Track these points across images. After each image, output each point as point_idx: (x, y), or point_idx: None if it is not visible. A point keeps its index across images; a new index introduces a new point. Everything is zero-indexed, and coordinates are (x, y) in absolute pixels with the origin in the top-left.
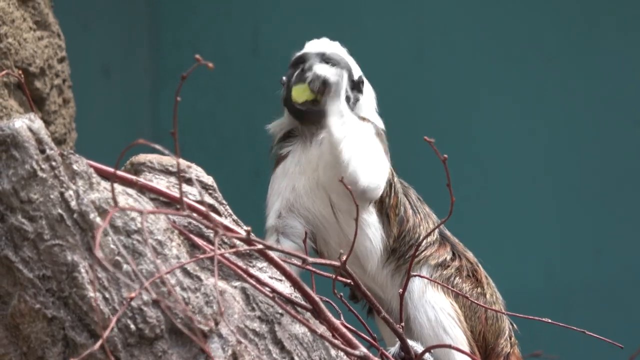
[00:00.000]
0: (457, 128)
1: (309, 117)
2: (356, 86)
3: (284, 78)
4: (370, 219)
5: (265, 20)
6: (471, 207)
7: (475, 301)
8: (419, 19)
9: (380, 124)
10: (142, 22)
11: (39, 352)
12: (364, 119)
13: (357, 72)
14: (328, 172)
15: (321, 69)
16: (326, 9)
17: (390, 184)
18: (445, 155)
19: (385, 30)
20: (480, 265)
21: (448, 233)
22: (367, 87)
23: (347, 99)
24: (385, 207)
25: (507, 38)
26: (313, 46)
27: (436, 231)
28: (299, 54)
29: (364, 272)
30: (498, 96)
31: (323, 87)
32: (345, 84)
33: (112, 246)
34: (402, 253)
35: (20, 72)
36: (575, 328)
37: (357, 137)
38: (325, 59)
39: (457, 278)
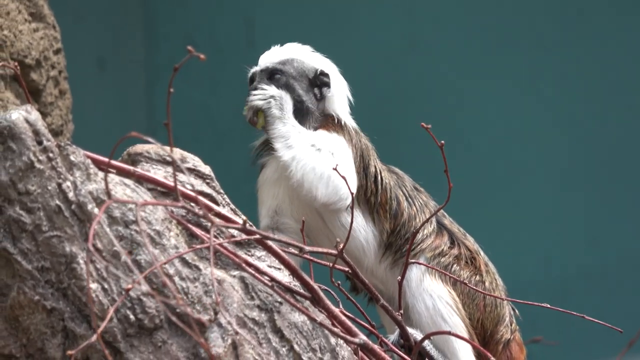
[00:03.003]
0: (451, 117)
1: None
2: (316, 82)
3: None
4: (356, 221)
5: (260, 11)
6: (467, 196)
7: (474, 287)
8: (411, 7)
9: (350, 120)
10: (136, 14)
11: (38, 343)
12: (330, 117)
13: (315, 67)
14: (293, 190)
15: (254, 98)
16: None
17: (375, 181)
18: (442, 142)
19: (377, 19)
20: (480, 253)
21: (447, 221)
22: (336, 79)
23: (303, 105)
24: (372, 206)
25: (501, 25)
26: (261, 61)
27: (433, 220)
28: (251, 71)
29: (361, 268)
30: (492, 85)
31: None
32: (285, 101)
33: (110, 237)
34: (398, 247)
35: (16, 64)
36: (574, 313)
37: (308, 154)
38: (269, 73)
39: (455, 266)
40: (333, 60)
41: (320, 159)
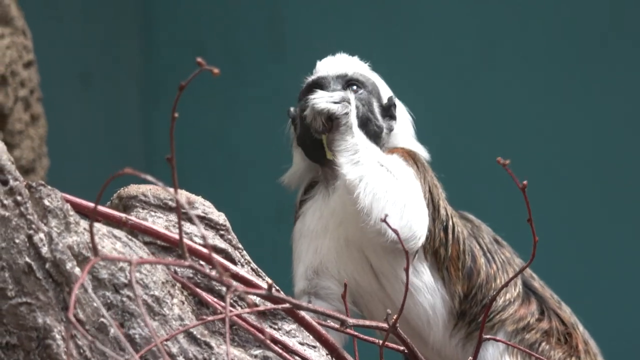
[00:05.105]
0: (536, 149)
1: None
2: (387, 111)
3: (292, 110)
4: (421, 280)
5: (290, 9)
6: (562, 247)
7: None
8: (486, 7)
9: (423, 153)
10: (130, 16)
11: None
12: (400, 150)
13: (387, 94)
14: (353, 225)
15: (321, 101)
16: None
17: (445, 229)
18: (525, 182)
19: (444, 22)
20: (578, 327)
21: (536, 284)
22: (401, 110)
23: (377, 131)
24: (441, 260)
25: (591, 32)
26: (329, 66)
27: (518, 283)
28: (312, 78)
29: (425, 344)
30: (585, 103)
31: (330, 124)
32: (359, 114)
33: (95, 305)
34: (473, 316)
35: None
36: None
37: (380, 175)
38: (348, 81)
39: (544, 344)
40: (386, 76)
41: (394, 183)
